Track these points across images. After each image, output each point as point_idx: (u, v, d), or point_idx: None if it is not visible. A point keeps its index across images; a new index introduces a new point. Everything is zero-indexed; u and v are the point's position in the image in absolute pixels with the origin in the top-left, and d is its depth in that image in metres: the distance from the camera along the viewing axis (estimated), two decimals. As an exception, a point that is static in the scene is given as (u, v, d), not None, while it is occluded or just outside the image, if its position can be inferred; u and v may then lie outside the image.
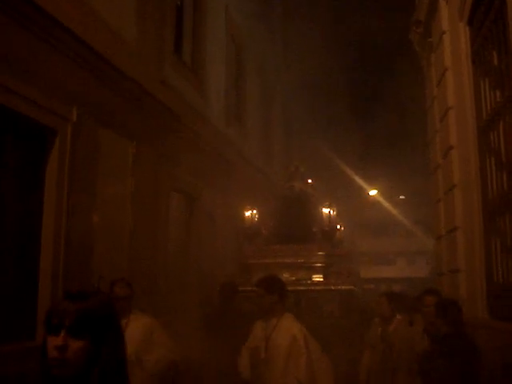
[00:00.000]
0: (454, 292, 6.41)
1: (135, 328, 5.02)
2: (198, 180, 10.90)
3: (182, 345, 5.97)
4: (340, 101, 21.65)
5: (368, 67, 22.09)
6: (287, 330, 5.23)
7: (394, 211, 28.40)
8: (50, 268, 6.37)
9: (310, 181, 11.35)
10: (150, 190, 8.90)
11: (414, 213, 26.97)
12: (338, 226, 11.03)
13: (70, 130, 6.77)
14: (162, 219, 9.38)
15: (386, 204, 28.28)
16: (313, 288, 9.39)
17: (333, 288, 9.28)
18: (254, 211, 10.67)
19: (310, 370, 5.06)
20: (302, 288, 9.28)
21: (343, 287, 9.24)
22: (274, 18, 18.89)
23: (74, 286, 2.36)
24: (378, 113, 22.80)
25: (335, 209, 10.28)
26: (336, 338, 7.74)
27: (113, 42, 7.91)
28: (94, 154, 7.33)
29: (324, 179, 15.45)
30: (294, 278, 9.52)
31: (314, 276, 9.66)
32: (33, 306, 6.21)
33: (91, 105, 7.23)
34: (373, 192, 27.93)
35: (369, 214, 28.63)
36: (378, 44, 19.91)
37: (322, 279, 9.62)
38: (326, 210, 10.18)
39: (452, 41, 6.76)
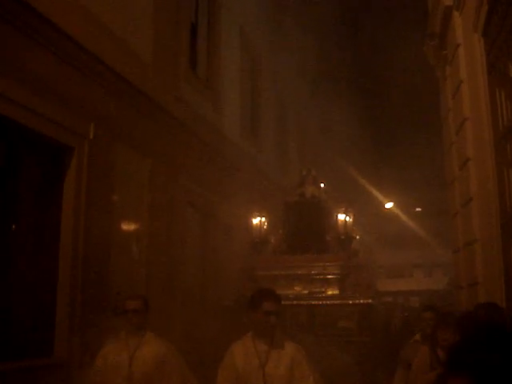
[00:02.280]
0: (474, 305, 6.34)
1: (148, 352, 4.72)
2: (213, 194, 10.92)
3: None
4: (356, 112, 21.63)
5: (383, 77, 22.08)
6: (285, 351, 4.09)
7: (410, 223, 28.21)
8: (67, 283, 6.41)
9: (322, 185, 10.48)
10: (166, 204, 8.93)
11: (430, 225, 26.75)
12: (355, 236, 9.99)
13: (87, 147, 6.84)
14: (179, 233, 9.40)
15: (402, 216, 28.10)
16: (327, 302, 8.56)
17: (350, 302, 8.42)
18: (263, 219, 9.87)
19: None
20: (315, 302, 8.54)
21: (361, 301, 8.36)
22: (288, 31, 18.96)
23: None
24: (393, 123, 22.75)
25: (352, 214, 9.46)
26: (355, 357, 7.26)
27: (129, 59, 8.00)
28: (110, 169, 7.39)
29: (339, 190, 15.26)
30: (306, 292, 8.84)
31: (329, 289, 8.90)
32: (51, 322, 6.25)
33: (108, 121, 7.30)
34: (389, 204, 27.78)
35: (385, 226, 28.45)
36: (394, 65, 19.91)
37: (337, 292, 8.83)
38: (341, 216, 9.35)
39: (467, 53, 6.74)
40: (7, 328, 5.64)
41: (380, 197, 25.90)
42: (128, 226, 7.81)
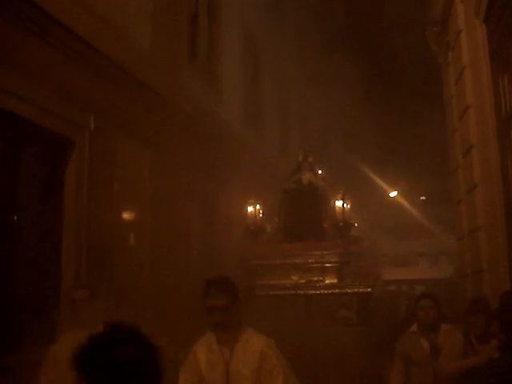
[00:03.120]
0: (478, 293, 6.31)
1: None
2: (215, 184, 10.90)
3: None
4: (357, 101, 21.53)
5: (386, 67, 21.96)
6: (253, 346, 3.67)
7: (414, 212, 28.16)
8: (71, 274, 6.41)
9: (320, 171, 10.12)
10: (168, 195, 8.91)
11: (435, 213, 26.71)
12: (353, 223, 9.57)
13: (88, 138, 6.82)
14: (180, 224, 9.39)
15: (406, 205, 28.06)
16: (326, 291, 8.30)
17: (349, 291, 8.19)
18: (258, 206, 9.52)
19: None
20: (313, 291, 8.29)
21: (361, 290, 8.15)
22: (289, 22, 18.86)
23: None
24: (396, 111, 22.65)
25: (349, 201, 9.15)
26: (355, 348, 7.10)
27: (129, 49, 7.96)
28: (111, 161, 7.37)
29: (344, 179, 15.12)
30: (303, 281, 8.56)
31: (327, 278, 8.57)
32: (54, 314, 6.25)
33: (108, 113, 7.27)
34: (393, 193, 27.72)
35: (390, 215, 28.39)
36: (395, 59, 19.77)
37: (335, 281, 8.53)
38: (339, 203, 9.02)
39: (469, 39, 6.68)
40: (11, 320, 5.64)
41: (384, 186, 25.85)
42: (130, 217, 7.80)
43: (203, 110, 10.64)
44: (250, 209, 9.46)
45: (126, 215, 7.69)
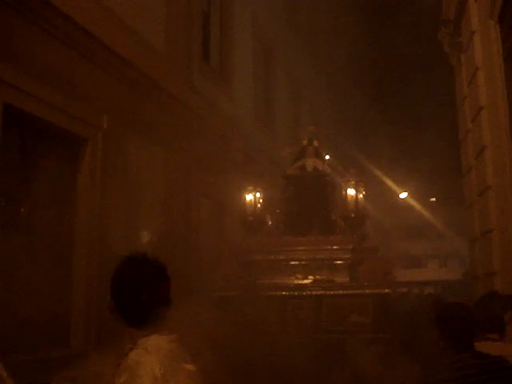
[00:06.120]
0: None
1: None
2: (227, 184, 10.90)
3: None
4: (369, 102, 21.51)
5: (397, 69, 21.92)
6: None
7: (425, 213, 28.07)
8: (84, 274, 6.43)
9: (327, 157, 9.16)
10: (180, 195, 8.93)
11: (445, 215, 26.62)
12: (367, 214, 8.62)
13: (101, 138, 6.85)
14: (194, 224, 9.40)
15: (417, 206, 27.97)
16: (336, 292, 7.25)
17: (363, 292, 7.16)
18: (258, 194, 8.46)
19: None
20: (321, 292, 7.27)
21: (377, 291, 7.09)
22: (301, 22, 18.86)
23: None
24: (407, 113, 22.62)
25: (363, 189, 8.06)
26: (370, 360, 6.08)
27: (142, 49, 7.98)
28: (124, 160, 7.40)
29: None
30: (310, 280, 7.60)
31: (338, 277, 7.58)
32: (67, 313, 6.28)
33: (121, 112, 7.30)
34: (403, 195, 27.63)
35: (400, 217, 28.31)
36: (401, 43, 19.70)
37: (347, 281, 7.59)
38: (351, 191, 7.96)
39: (483, 40, 6.65)
40: (24, 319, 5.67)
41: (394, 187, 25.78)
42: (143, 217, 7.82)
43: (215, 110, 10.66)
44: (249, 197, 8.47)
45: (139, 214, 7.70)
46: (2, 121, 5.32)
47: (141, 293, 2.31)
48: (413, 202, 28.05)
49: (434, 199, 30.05)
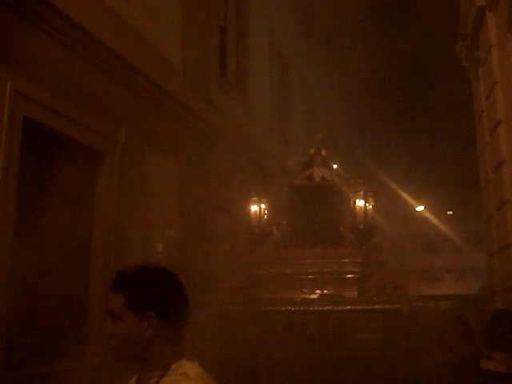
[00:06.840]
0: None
1: None
2: (242, 197, 10.90)
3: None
4: (385, 116, 21.46)
5: (414, 81, 21.86)
6: None
7: (441, 227, 27.86)
8: (100, 287, 6.45)
9: (335, 166, 8.89)
10: (197, 208, 8.95)
11: (462, 228, 26.41)
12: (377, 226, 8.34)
13: (119, 152, 6.90)
14: (209, 237, 9.40)
15: (433, 220, 27.77)
16: (344, 307, 6.99)
17: (372, 307, 6.90)
18: (263, 205, 8.25)
19: None
20: (328, 308, 7.00)
21: (387, 306, 6.81)
22: (317, 35, 18.92)
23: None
24: (424, 126, 22.54)
25: (372, 200, 7.81)
26: (379, 380, 5.87)
27: (159, 64, 8.05)
28: (142, 174, 7.44)
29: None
30: (317, 294, 7.37)
31: (346, 291, 7.33)
32: (83, 325, 6.30)
33: (139, 126, 7.36)
34: (420, 208, 27.46)
35: (416, 230, 28.13)
36: (416, 56, 19.68)
37: (356, 295, 7.34)
38: (359, 203, 7.73)
39: (500, 53, 6.63)
40: (39, 331, 5.69)
41: (411, 200, 25.65)
42: (160, 231, 7.84)
43: (232, 123, 10.70)
44: (254, 208, 8.28)
45: (156, 228, 7.73)
46: (21, 134, 5.38)
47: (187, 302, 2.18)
48: (429, 215, 27.87)
49: (450, 212, 29.83)
